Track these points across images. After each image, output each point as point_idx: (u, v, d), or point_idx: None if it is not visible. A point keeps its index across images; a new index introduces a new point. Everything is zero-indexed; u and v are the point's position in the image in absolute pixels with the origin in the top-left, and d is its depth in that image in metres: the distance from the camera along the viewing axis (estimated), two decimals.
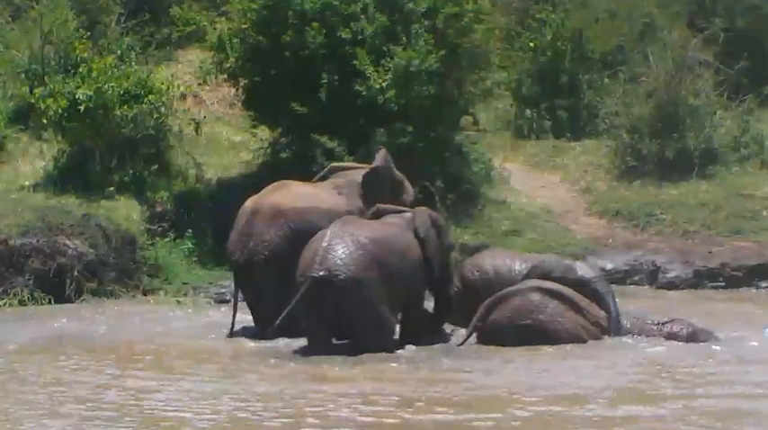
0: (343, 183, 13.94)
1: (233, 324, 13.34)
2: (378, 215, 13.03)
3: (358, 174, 14.05)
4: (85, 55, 18.42)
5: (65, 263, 15.99)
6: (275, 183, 14.11)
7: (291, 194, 13.68)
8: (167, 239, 17.19)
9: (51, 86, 17.80)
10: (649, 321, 12.80)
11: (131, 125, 17.83)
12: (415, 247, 12.63)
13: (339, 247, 12.22)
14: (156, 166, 18.19)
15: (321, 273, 12.12)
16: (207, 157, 19.15)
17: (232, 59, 18.73)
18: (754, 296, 16.95)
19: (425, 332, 12.80)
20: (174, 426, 9.17)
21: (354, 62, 17.71)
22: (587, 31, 21.61)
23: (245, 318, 13.54)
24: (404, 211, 13.09)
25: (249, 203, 13.73)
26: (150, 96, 17.91)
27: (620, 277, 17.27)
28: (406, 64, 17.63)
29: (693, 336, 12.51)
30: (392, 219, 12.89)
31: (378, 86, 17.63)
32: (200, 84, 20.26)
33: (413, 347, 12.37)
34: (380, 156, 14.20)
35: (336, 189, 13.85)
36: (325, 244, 12.25)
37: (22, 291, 15.74)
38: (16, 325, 14.11)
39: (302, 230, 12.97)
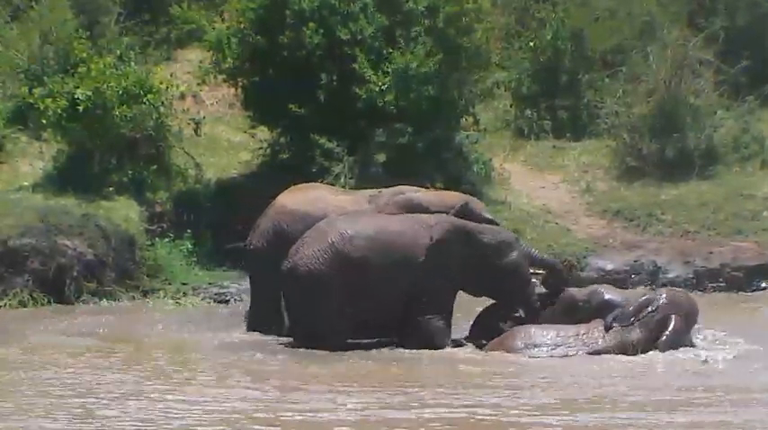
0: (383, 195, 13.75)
1: None
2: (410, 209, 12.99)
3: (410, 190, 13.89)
4: (84, 55, 18.38)
5: (64, 263, 16.00)
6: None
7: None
8: (167, 240, 17.18)
9: (50, 86, 17.78)
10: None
11: (130, 125, 17.81)
12: (414, 249, 12.52)
13: (310, 242, 12.45)
14: (155, 167, 18.17)
15: (288, 266, 12.49)
16: (206, 158, 19.13)
17: (230, 60, 18.70)
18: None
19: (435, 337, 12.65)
20: None
21: (353, 64, 17.69)
22: (587, 31, 21.56)
23: None
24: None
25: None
26: (149, 96, 17.89)
27: (620, 277, 17.22)
28: (405, 68, 17.62)
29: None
30: (404, 219, 12.80)
31: (377, 89, 17.61)
32: (199, 84, 20.21)
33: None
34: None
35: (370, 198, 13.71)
36: (303, 238, 12.54)
37: (21, 291, 15.74)
38: None
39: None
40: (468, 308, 13.23)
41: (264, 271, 13.43)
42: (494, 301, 13.15)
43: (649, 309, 12.47)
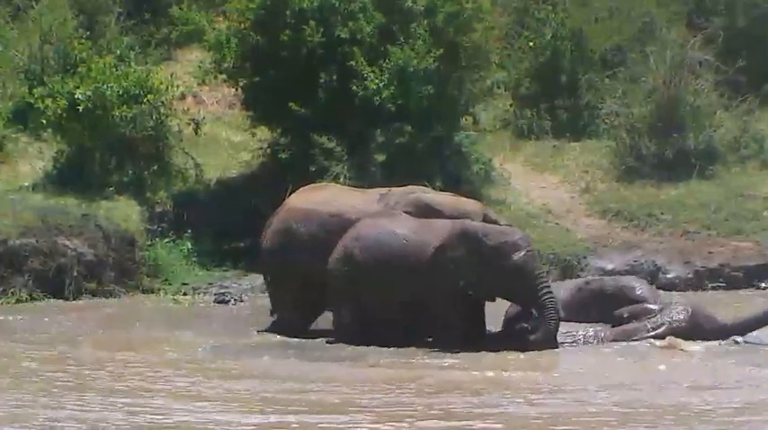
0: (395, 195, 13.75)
1: None
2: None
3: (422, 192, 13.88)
4: (84, 55, 18.42)
5: (64, 263, 16.03)
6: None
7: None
8: (167, 240, 17.20)
9: (50, 86, 17.80)
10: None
11: (130, 125, 17.84)
12: (420, 254, 12.54)
13: (339, 242, 12.80)
14: (155, 167, 18.20)
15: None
16: (206, 157, 19.14)
17: (230, 60, 18.72)
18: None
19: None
20: None
21: (352, 61, 17.71)
22: (587, 31, 21.57)
23: None
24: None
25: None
26: (149, 96, 17.92)
27: None
28: (403, 64, 17.63)
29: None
30: (418, 223, 12.85)
31: (374, 86, 17.63)
32: (199, 84, 20.22)
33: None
34: None
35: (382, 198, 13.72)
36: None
37: (20, 290, 15.75)
38: None
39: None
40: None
41: (276, 270, 13.52)
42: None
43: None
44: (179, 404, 9.54)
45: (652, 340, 12.26)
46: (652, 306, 12.73)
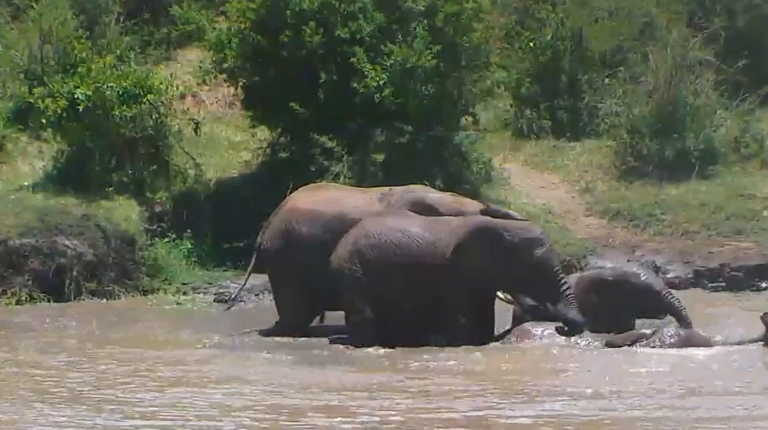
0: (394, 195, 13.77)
1: None
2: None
3: (422, 192, 13.94)
4: (84, 55, 18.39)
5: (64, 263, 16.04)
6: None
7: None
8: (166, 239, 17.19)
9: (50, 86, 17.79)
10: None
11: (130, 125, 17.83)
12: (435, 252, 12.59)
13: (343, 240, 12.87)
14: (155, 166, 18.18)
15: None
16: (206, 157, 19.13)
17: (231, 59, 18.72)
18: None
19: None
20: None
21: (352, 60, 17.71)
22: (587, 31, 21.56)
23: None
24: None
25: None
26: (149, 96, 17.91)
27: None
28: (403, 62, 17.63)
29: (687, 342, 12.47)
30: (429, 221, 12.93)
31: (375, 84, 17.63)
32: (199, 84, 20.21)
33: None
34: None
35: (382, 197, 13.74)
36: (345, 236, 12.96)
37: (20, 290, 15.75)
38: None
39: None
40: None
41: (277, 270, 13.52)
42: None
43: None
44: None
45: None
46: (646, 330, 12.70)
